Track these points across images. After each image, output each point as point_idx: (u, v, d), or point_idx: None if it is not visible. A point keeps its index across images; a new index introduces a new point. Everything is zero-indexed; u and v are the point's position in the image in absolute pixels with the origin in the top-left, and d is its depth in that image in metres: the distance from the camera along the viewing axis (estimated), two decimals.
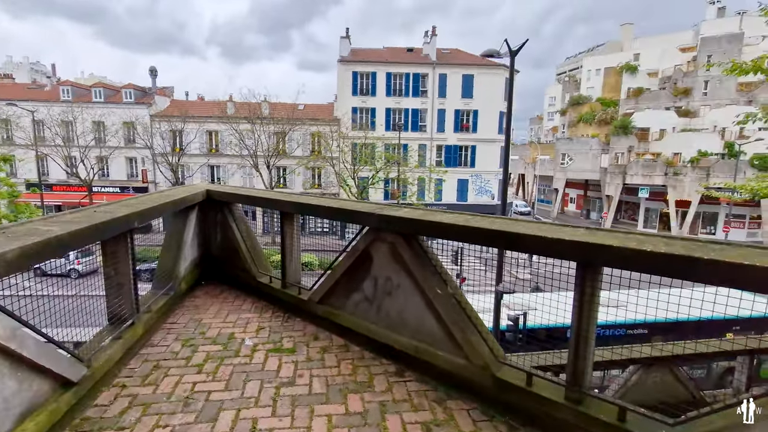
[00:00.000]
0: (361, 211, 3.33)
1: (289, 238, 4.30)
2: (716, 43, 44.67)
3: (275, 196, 4.31)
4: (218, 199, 4.94)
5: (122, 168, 35.51)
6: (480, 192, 35.73)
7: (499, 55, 10.05)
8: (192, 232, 4.77)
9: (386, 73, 34.10)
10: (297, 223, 4.30)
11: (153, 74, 37.33)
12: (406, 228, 3.07)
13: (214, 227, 5.26)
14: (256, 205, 4.47)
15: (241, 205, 4.95)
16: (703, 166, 39.77)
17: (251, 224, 5.28)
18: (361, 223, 3.42)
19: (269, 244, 19.19)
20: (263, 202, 4.37)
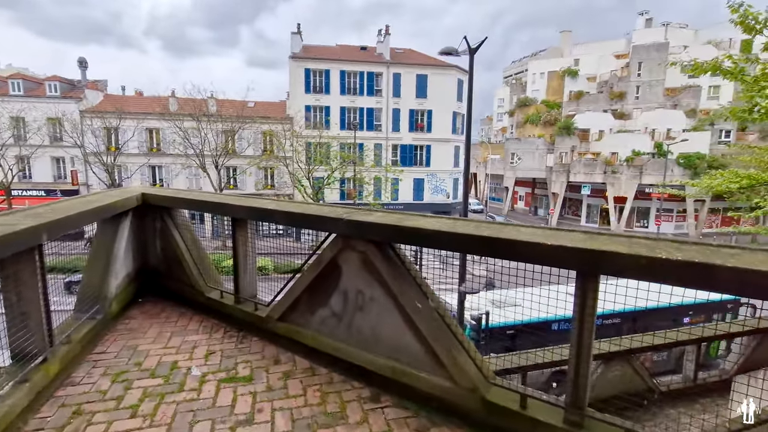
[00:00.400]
0: (328, 216, 2.91)
1: (242, 246, 3.79)
2: (646, 51, 48.42)
3: (225, 199, 3.77)
4: (156, 204, 4.29)
5: (48, 169, 32.09)
6: (435, 191, 36.15)
7: (457, 53, 9.96)
8: (125, 242, 4.10)
9: (340, 71, 33.51)
10: (251, 229, 3.80)
11: (83, 66, 34.07)
12: (379, 235, 2.70)
13: (153, 236, 4.59)
14: (202, 210, 3.91)
15: (186, 211, 4.33)
16: (637, 164, 42.95)
17: (199, 229, 4.66)
18: (327, 230, 3.00)
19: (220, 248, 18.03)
20: (210, 206, 3.81)
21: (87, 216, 3.16)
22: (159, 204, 4.29)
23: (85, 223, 3.18)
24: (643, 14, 59.72)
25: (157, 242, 4.63)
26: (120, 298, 4.05)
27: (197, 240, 4.48)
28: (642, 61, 48.93)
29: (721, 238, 40.36)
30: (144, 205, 4.36)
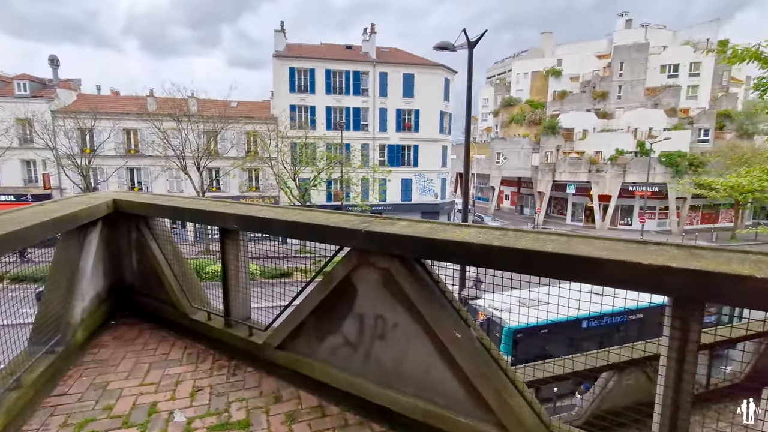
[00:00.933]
0: (341, 228, 2.41)
1: (232, 261, 3.24)
2: (627, 52, 49.18)
3: (212, 206, 3.21)
4: (131, 211, 3.71)
5: (17, 172, 30.45)
6: (423, 191, 35.81)
7: (454, 47, 9.54)
8: (93, 257, 3.50)
9: (325, 69, 32.83)
10: (243, 241, 3.25)
11: (54, 64, 32.51)
12: (406, 249, 2.21)
13: (128, 248, 4.00)
14: (184, 218, 3.33)
15: (167, 220, 3.75)
16: (620, 163, 43.53)
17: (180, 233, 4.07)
18: (339, 243, 2.49)
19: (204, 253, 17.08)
20: (195, 215, 3.25)
21: (42, 229, 2.58)
22: (134, 212, 3.70)
23: (40, 238, 2.59)
24: (623, 15, 60.71)
25: (132, 255, 4.03)
26: (87, 324, 3.44)
27: (179, 253, 3.90)
28: (623, 61, 49.69)
29: (703, 235, 41.24)
30: (116, 212, 3.77)
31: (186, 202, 3.43)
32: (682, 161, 41.29)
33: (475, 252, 1.94)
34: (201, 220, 3.20)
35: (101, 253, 3.73)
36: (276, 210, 2.91)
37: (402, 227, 2.29)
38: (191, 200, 3.55)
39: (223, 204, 3.27)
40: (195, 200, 3.54)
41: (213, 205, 3.25)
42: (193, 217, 3.24)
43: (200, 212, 3.16)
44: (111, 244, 3.89)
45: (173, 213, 3.41)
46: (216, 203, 3.32)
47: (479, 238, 1.97)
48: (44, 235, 2.60)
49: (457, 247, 1.99)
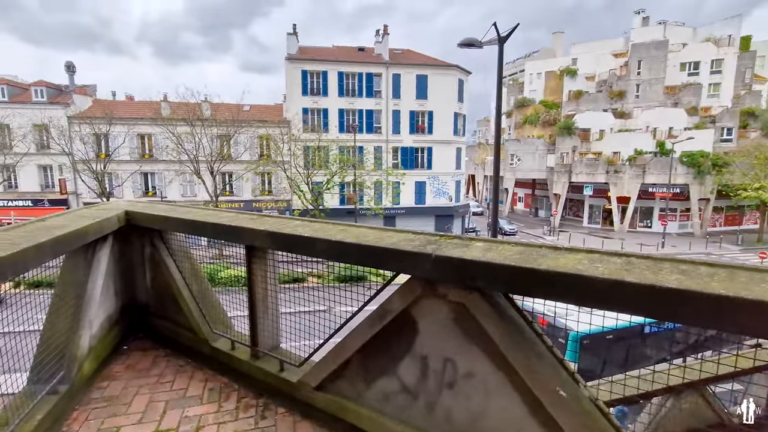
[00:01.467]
0: (402, 251, 1.93)
1: (260, 283, 2.79)
2: (645, 50, 47.98)
3: (237, 221, 2.77)
4: (144, 225, 3.30)
5: (34, 178, 30.77)
6: (438, 194, 35.23)
7: (480, 43, 9.04)
8: (103, 276, 3.09)
9: (338, 72, 32.56)
10: (273, 260, 2.80)
11: (70, 70, 32.85)
12: (492, 281, 1.72)
13: (141, 265, 3.60)
14: (206, 234, 2.89)
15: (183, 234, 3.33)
16: (640, 164, 42.38)
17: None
18: (399, 270, 2.01)
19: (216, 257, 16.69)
20: (217, 230, 2.80)
21: (38, 253, 2.16)
22: (147, 225, 3.29)
23: (37, 263, 2.17)
24: (640, 13, 59.36)
25: (146, 272, 3.63)
26: (96, 352, 3.03)
27: (198, 270, 3.48)
28: (641, 59, 48.48)
29: (728, 237, 39.83)
30: (129, 225, 3.36)
31: (207, 215, 2.99)
32: (704, 161, 40.00)
33: (598, 289, 1.44)
34: (225, 236, 2.75)
35: (112, 271, 3.33)
36: (315, 226, 2.45)
37: (482, 251, 1.81)
38: (212, 212, 3.11)
39: (249, 217, 2.83)
40: (216, 212, 3.10)
41: (239, 218, 2.81)
42: (215, 233, 2.80)
43: (224, 228, 2.72)
44: (123, 260, 3.49)
45: (192, 227, 2.98)
46: (241, 216, 2.88)
47: (600, 270, 1.48)
48: (42, 259, 2.18)
49: (570, 281, 1.50)
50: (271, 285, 2.82)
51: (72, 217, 2.93)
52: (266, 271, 2.78)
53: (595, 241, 38.56)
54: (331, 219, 24.49)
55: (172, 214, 3.14)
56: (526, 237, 42.42)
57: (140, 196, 31.97)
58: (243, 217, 2.86)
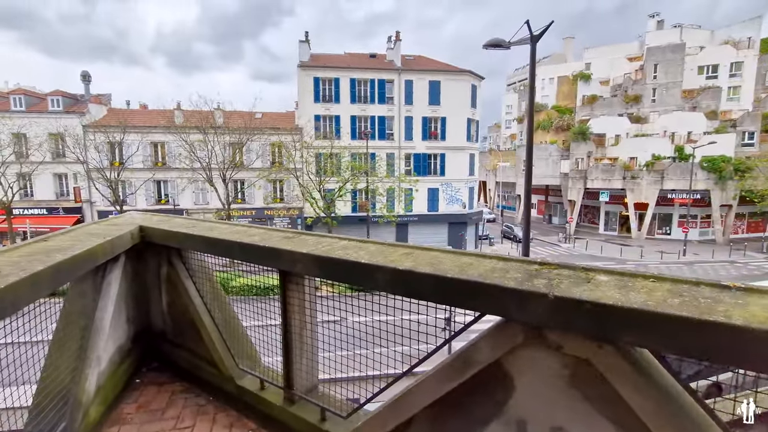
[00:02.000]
0: (502, 287, 1.47)
1: (297, 313, 2.35)
2: (661, 53, 47.11)
3: (271, 240, 2.32)
4: (161, 242, 2.89)
5: (50, 186, 30.99)
6: (451, 201, 34.67)
7: (507, 44, 8.60)
8: (114, 302, 2.69)
9: (350, 79, 32.37)
10: (311, 286, 2.36)
11: (86, 80, 33.21)
12: (640, 333, 1.25)
13: (156, 286, 3.19)
14: (233, 256, 2.46)
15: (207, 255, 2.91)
16: (658, 169, 41.36)
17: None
18: (494, 311, 1.54)
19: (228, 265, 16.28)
20: (247, 251, 2.37)
21: (37, 284, 1.75)
22: (165, 243, 2.88)
23: (35, 297, 1.76)
24: (654, 16, 58.51)
25: (162, 295, 3.22)
26: (104, 394, 2.61)
27: (222, 295, 3.05)
28: (657, 62, 47.61)
29: (752, 245, 38.48)
30: (143, 242, 2.96)
31: (234, 233, 2.56)
32: (726, 166, 38.83)
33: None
34: (256, 258, 2.32)
35: (124, 294, 2.92)
36: (370, 248, 1.99)
37: (617, 289, 1.34)
38: (241, 229, 2.68)
39: (284, 235, 2.39)
40: (245, 229, 2.67)
41: (272, 237, 2.37)
42: (244, 254, 2.37)
43: (256, 249, 2.28)
44: (136, 281, 3.09)
45: (216, 247, 2.56)
46: (275, 234, 2.45)
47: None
48: (38, 293, 1.77)
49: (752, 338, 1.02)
50: (310, 316, 2.38)
51: (79, 235, 2.52)
52: (304, 300, 2.34)
53: (614, 249, 37.57)
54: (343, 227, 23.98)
55: (193, 230, 2.72)
56: (541, 244, 41.53)
57: (153, 204, 32.00)
58: (277, 234, 2.43)
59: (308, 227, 32.38)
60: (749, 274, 29.34)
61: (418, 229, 34.09)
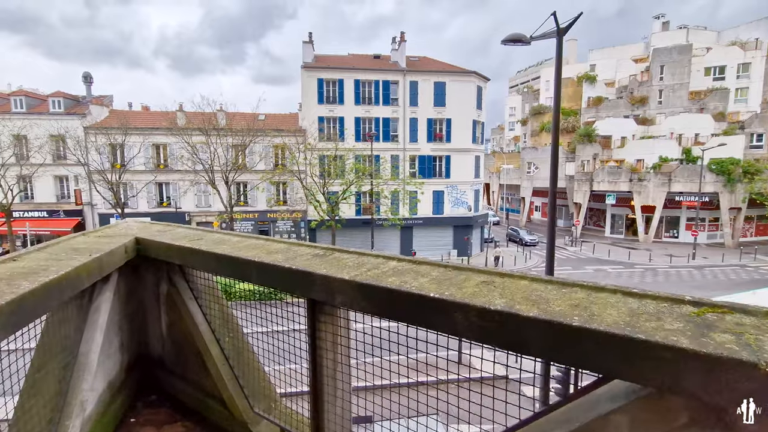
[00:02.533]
0: (670, 346, 0.98)
1: (328, 350, 1.87)
2: (667, 54, 46.65)
3: (297, 258, 1.84)
4: (161, 258, 2.43)
5: (50, 188, 30.63)
6: (456, 204, 34.18)
7: (529, 40, 8.15)
8: (103, 329, 2.22)
9: (354, 80, 31.97)
10: (347, 318, 1.88)
11: (87, 81, 32.90)
12: None
13: (155, 306, 2.73)
14: (249, 278, 1.98)
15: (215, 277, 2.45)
16: (665, 171, 40.81)
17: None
18: (642, 380, 1.06)
19: None
20: (270, 273, 1.88)
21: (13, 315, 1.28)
22: (165, 258, 2.42)
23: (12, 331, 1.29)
24: (659, 18, 58.10)
25: (161, 316, 2.75)
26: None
27: (233, 319, 2.59)
28: (664, 64, 47.13)
29: (763, 248, 37.86)
30: (139, 257, 2.50)
31: (250, 248, 2.09)
32: (735, 169, 38.27)
33: None
34: (279, 282, 1.84)
35: (116, 318, 2.46)
36: (431, 272, 1.52)
37: None
38: (258, 243, 2.20)
39: (313, 253, 1.92)
40: (264, 243, 2.19)
41: (298, 255, 1.90)
42: (264, 277, 1.89)
43: (279, 271, 1.80)
44: (131, 301, 2.62)
45: (227, 266, 2.07)
46: (303, 250, 1.98)
47: None
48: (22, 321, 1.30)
49: None
50: (343, 354, 1.90)
51: (59, 251, 2.06)
52: (339, 335, 1.87)
53: (621, 253, 37.01)
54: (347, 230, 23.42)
55: (200, 244, 2.25)
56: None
57: (155, 206, 31.60)
58: (304, 251, 1.96)
59: (312, 231, 31.92)
60: (761, 278, 28.75)
61: (423, 233, 33.60)
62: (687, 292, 1.26)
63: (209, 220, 31.97)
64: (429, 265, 1.65)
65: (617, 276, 29.45)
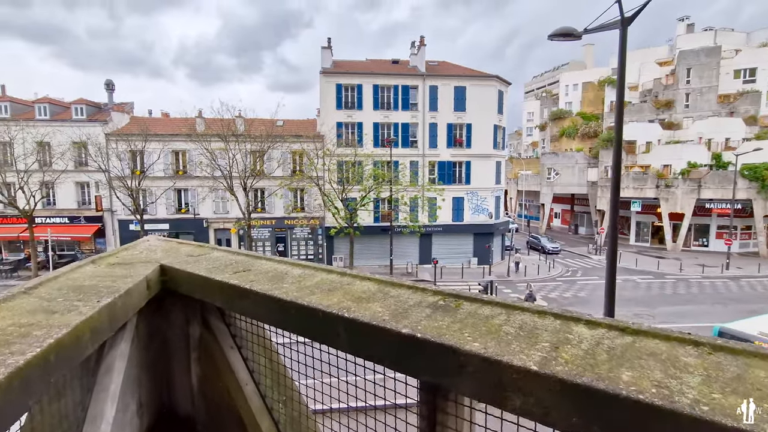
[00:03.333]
0: None
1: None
2: (694, 57, 45.13)
3: (417, 315, 1.19)
4: (196, 296, 1.81)
5: (71, 194, 30.88)
6: (477, 210, 33.30)
7: (577, 34, 7.44)
8: (117, 391, 1.60)
9: (373, 85, 31.55)
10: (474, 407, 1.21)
11: (109, 88, 33.27)
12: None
13: (183, 353, 2.11)
14: (335, 342, 1.31)
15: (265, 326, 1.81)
16: (695, 177, 39.23)
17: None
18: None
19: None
20: (366, 337, 1.22)
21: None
22: (201, 297, 1.80)
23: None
24: (684, 20, 56.43)
25: (191, 366, 2.13)
26: None
27: (284, 373, 1.94)
28: (690, 67, 45.58)
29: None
30: (165, 290, 1.89)
31: (327, 290, 1.43)
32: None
33: None
34: (387, 353, 1.18)
35: (134, 370, 1.84)
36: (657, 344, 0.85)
37: None
38: (336, 278, 1.54)
39: (428, 301, 1.27)
40: (347, 280, 1.53)
41: (411, 308, 1.24)
42: (358, 344, 1.23)
43: (389, 336, 1.14)
44: (153, 342, 2.01)
45: (298, 320, 1.40)
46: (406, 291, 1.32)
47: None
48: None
49: None
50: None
51: (58, 293, 1.45)
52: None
53: (649, 262, 35.50)
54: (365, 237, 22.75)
55: (249, 281, 1.61)
56: (570, 256, 39.68)
57: (173, 213, 31.59)
58: (414, 297, 1.30)
59: (329, 238, 31.42)
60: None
61: (442, 240, 32.79)
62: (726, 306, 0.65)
63: (227, 227, 31.78)
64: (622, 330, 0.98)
65: (648, 287, 28.10)
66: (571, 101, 63.44)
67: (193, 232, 31.41)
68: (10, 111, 30.41)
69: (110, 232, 31.43)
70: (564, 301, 25.01)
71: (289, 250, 32.59)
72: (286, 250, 32.60)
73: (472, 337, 1.03)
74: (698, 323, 20.57)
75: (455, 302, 1.26)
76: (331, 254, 32.08)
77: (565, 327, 1.07)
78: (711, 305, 23.78)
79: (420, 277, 29.06)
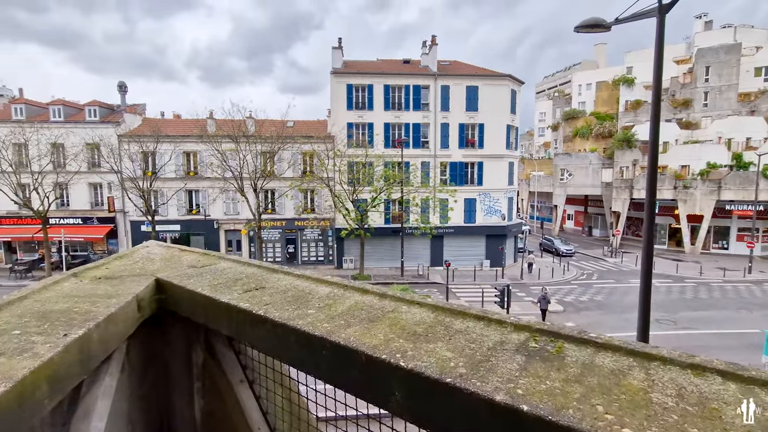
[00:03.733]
0: None
1: None
2: (713, 54, 43.97)
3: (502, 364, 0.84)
4: (199, 320, 1.47)
5: (85, 195, 31.10)
6: (489, 212, 32.73)
7: (607, 24, 7.01)
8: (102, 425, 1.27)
9: (384, 85, 31.23)
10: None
11: (122, 90, 33.48)
12: None
13: (185, 380, 1.77)
14: (387, 405, 0.95)
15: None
16: (714, 178, 38.12)
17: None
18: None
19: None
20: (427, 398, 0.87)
21: None
22: (204, 322, 1.46)
23: None
24: (701, 17, 55.13)
25: (194, 395, 1.80)
26: None
27: (301, 407, 1.59)
28: (709, 65, 44.40)
29: None
30: (162, 310, 1.57)
31: (365, 318, 1.08)
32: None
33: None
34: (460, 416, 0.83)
35: (123, 404, 1.52)
36: None
37: None
38: (374, 301, 1.19)
39: (518, 341, 0.90)
40: (391, 305, 1.17)
41: (495, 352, 0.88)
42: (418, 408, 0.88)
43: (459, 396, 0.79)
44: (149, 368, 1.69)
45: (330, 363, 1.06)
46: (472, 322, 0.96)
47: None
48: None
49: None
50: None
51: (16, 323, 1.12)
52: None
53: (667, 265, 34.56)
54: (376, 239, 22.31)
55: (265, 305, 1.28)
56: (585, 258, 38.83)
57: (184, 214, 31.64)
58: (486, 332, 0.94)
59: (340, 240, 31.15)
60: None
61: (454, 242, 32.29)
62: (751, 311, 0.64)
63: (237, 228, 31.72)
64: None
65: (667, 291, 27.28)
66: (584, 101, 62.38)
67: (203, 233, 31.41)
68: (26, 113, 30.73)
69: (122, 233, 31.59)
70: (580, 305, 24.35)
71: (299, 251, 32.41)
72: (296, 252, 32.42)
73: (610, 412, 0.66)
74: (722, 329, 19.80)
75: (554, 344, 0.89)
76: (341, 256, 31.81)
77: (749, 393, 0.70)
78: (735, 311, 22.92)
79: (431, 280, 28.61)
